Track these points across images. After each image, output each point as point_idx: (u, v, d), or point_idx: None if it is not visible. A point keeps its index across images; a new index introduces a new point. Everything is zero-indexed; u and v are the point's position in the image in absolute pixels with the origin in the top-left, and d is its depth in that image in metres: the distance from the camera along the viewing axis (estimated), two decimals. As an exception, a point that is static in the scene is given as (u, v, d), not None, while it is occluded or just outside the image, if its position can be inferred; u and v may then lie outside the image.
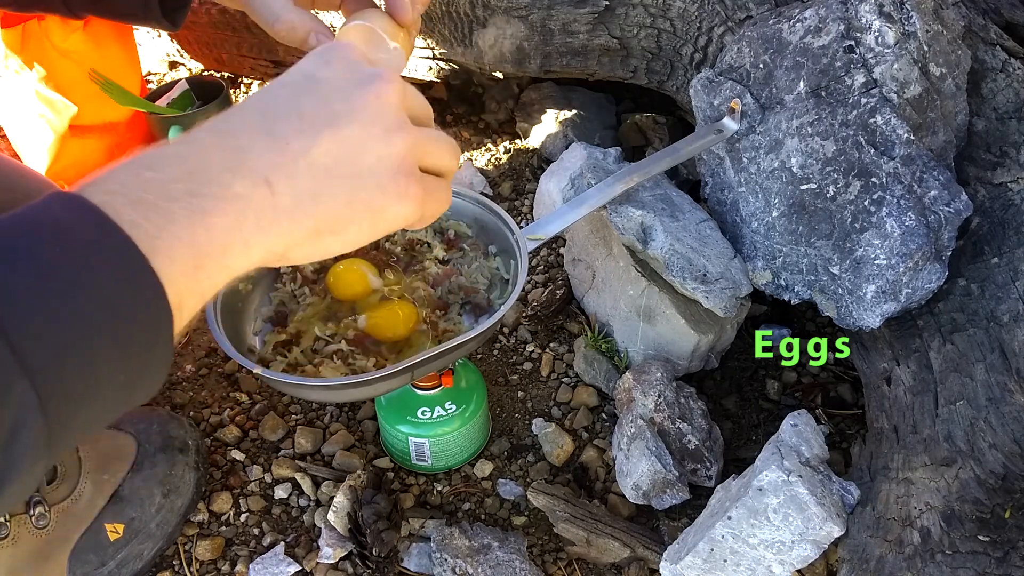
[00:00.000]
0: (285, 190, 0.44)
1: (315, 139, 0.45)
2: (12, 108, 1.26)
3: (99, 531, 0.82)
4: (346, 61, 0.49)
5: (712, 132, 0.91)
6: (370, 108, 0.47)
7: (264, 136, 0.45)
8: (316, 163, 0.45)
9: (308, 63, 0.49)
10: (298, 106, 0.46)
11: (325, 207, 0.46)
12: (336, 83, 0.48)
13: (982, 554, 0.65)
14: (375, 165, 0.47)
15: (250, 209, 0.43)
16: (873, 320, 0.82)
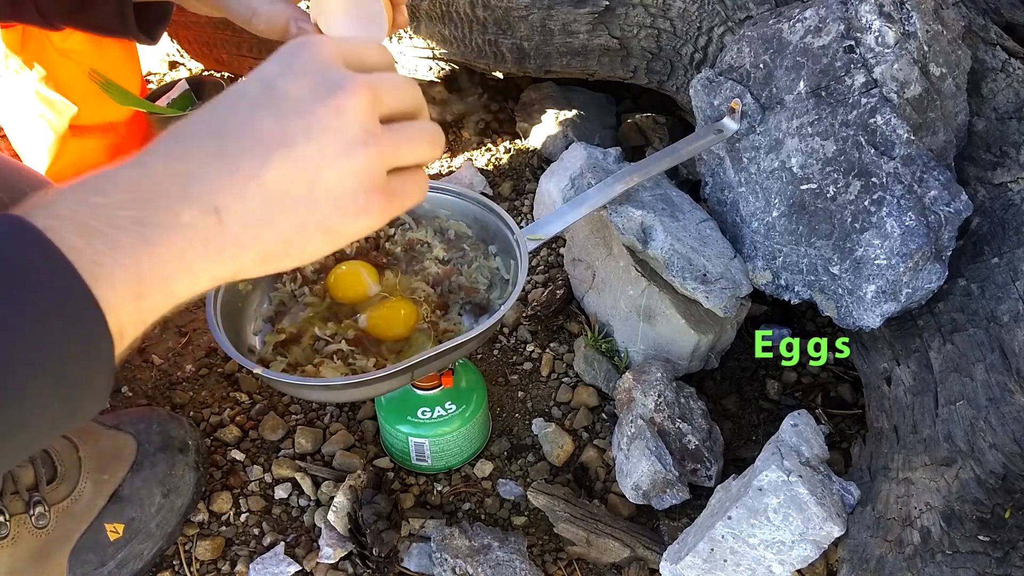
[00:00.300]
0: (234, 217, 0.43)
1: (266, 161, 0.43)
2: (12, 108, 1.26)
3: (99, 531, 0.82)
4: (312, 65, 0.46)
5: (712, 132, 0.91)
6: (329, 125, 0.44)
7: (214, 158, 0.43)
8: (267, 186, 0.43)
9: (272, 66, 0.46)
10: (252, 123, 0.44)
11: (276, 232, 0.44)
12: (295, 95, 0.45)
13: (982, 554, 0.65)
14: (332, 185, 0.45)
15: (198, 238, 0.42)
16: (873, 320, 0.82)
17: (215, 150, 0.43)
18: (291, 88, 0.45)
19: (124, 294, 0.40)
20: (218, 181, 0.43)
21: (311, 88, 0.45)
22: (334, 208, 0.45)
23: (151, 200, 0.41)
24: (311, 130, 0.44)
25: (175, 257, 0.41)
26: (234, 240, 0.43)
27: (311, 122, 0.44)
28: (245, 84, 0.46)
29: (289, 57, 0.46)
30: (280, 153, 0.44)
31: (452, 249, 0.86)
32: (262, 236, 0.44)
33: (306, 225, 0.45)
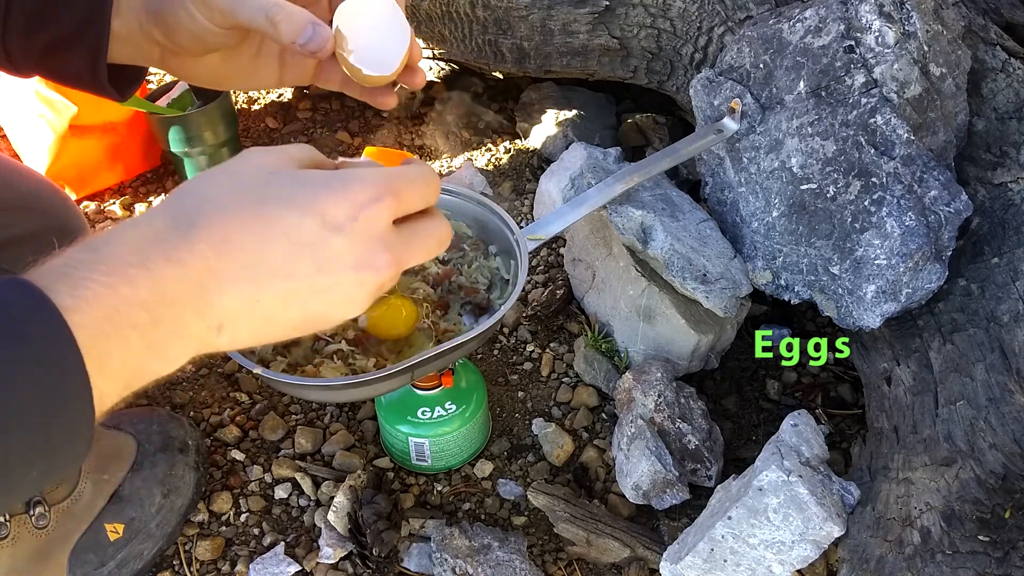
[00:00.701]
0: (228, 335, 0.47)
1: (286, 305, 0.47)
2: (12, 108, 1.26)
3: (99, 531, 0.82)
4: (369, 234, 0.48)
5: (712, 132, 0.91)
6: (348, 292, 0.49)
7: (247, 286, 0.46)
8: (271, 321, 0.48)
9: (339, 209, 0.47)
10: (291, 265, 0.47)
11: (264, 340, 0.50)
12: (339, 257, 0.48)
13: (982, 554, 0.65)
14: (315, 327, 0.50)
15: (191, 345, 0.45)
16: (873, 320, 0.82)
17: (250, 276, 0.46)
18: (341, 247, 0.48)
19: (115, 386, 0.43)
20: (237, 306, 0.46)
21: (353, 254, 0.48)
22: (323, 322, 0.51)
23: (172, 305, 0.44)
24: (331, 291, 0.48)
25: (167, 359, 0.45)
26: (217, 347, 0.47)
27: (337, 286, 0.48)
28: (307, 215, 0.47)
29: (355, 210, 0.48)
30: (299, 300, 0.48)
31: (452, 249, 0.86)
32: (233, 346, 0.48)
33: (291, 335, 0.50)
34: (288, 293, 0.47)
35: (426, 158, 1.38)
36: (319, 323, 0.50)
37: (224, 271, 0.45)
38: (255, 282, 0.46)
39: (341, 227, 0.47)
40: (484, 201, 0.86)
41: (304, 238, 0.47)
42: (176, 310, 0.44)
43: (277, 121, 1.47)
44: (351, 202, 0.48)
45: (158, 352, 0.44)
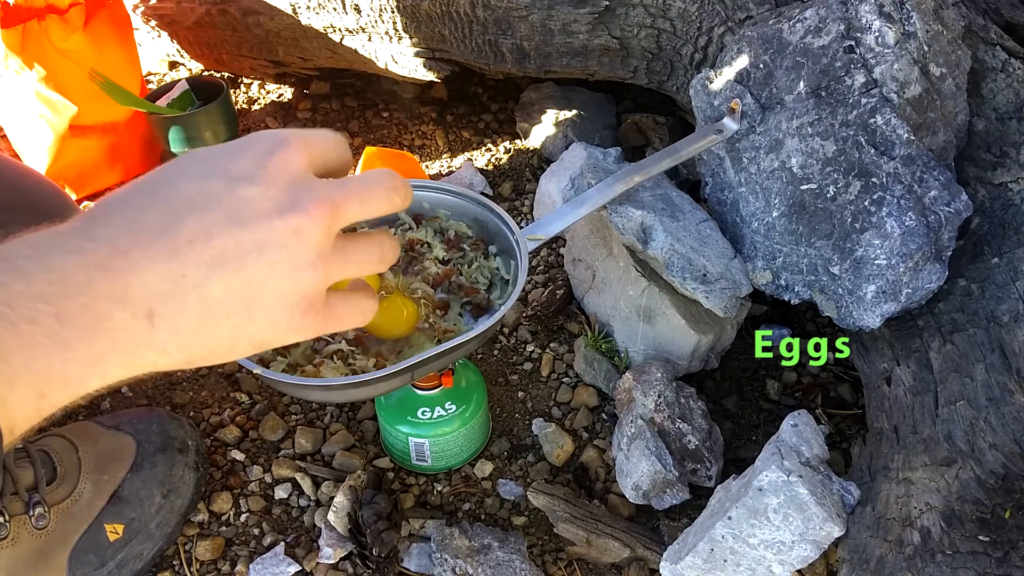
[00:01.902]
0: (165, 324, 0.41)
1: (215, 272, 0.42)
2: (12, 108, 1.26)
3: (99, 531, 0.82)
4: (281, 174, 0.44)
5: (712, 132, 0.91)
6: (283, 243, 0.43)
7: (164, 258, 0.41)
8: (209, 296, 0.42)
9: (240, 162, 0.44)
10: (207, 224, 0.42)
11: (205, 341, 0.43)
12: (256, 204, 0.43)
13: (982, 554, 0.65)
14: (272, 303, 0.44)
15: (121, 342, 0.40)
16: (873, 320, 0.82)
17: (166, 249, 0.41)
18: (254, 195, 0.43)
19: (25, 393, 0.38)
20: (160, 284, 0.41)
21: (273, 199, 0.43)
22: (268, 324, 0.44)
23: (80, 295, 0.39)
24: (264, 247, 0.43)
25: (91, 361, 0.39)
26: (160, 346, 0.41)
27: (266, 239, 0.43)
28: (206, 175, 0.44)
29: (260, 158, 0.44)
30: (230, 267, 0.42)
31: (452, 249, 0.86)
32: (190, 344, 0.43)
33: (238, 338, 0.44)
34: (216, 260, 0.42)
35: (426, 158, 1.38)
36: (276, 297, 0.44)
37: (134, 249, 0.40)
38: (174, 254, 0.41)
39: (250, 176, 0.43)
40: (484, 201, 0.86)
41: (213, 198, 0.43)
42: (85, 300, 0.39)
43: (277, 121, 1.47)
44: (254, 152, 0.44)
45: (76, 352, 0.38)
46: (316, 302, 0.46)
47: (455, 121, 1.44)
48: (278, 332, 0.45)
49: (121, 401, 1.01)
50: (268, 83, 1.54)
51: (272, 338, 0.45)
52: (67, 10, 1.22)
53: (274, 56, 1.39)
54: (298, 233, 0.43)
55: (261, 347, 0.45)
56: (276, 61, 1.40)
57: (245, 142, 0.45)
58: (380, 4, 1.17)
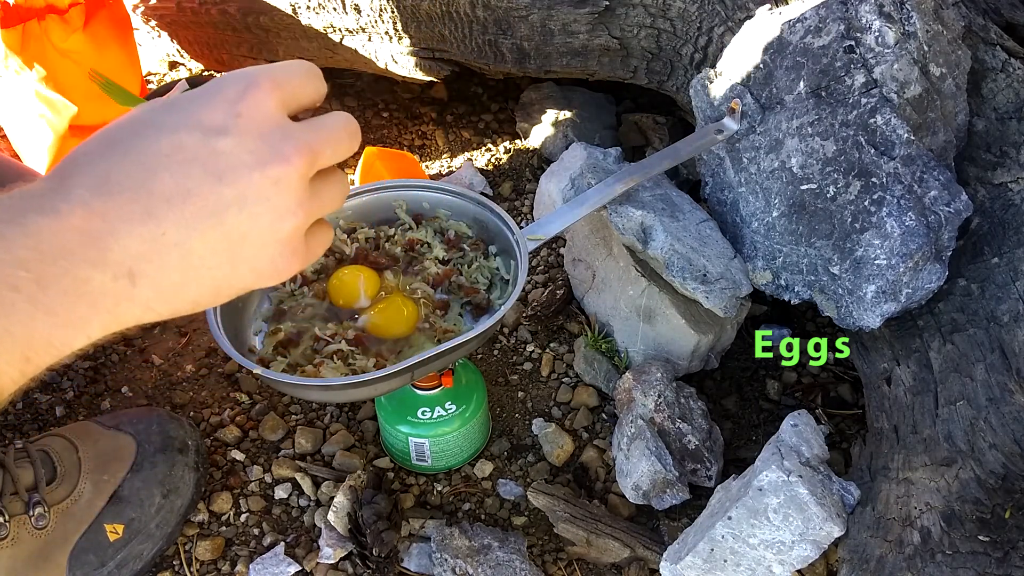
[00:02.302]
0: (148, 282, 0.41)
1: (195, 229, 0.41)
2: (12, 108, 1.26)
3: (99, 532, 0.82)
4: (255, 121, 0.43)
5: (712, 132, 0.91)
6: (263, 195, 0.43)
7: (140, 218, 0.40)
8: (191, 253, 0.42)
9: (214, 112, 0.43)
10: (187, 183, 0.41)
11: (189, 295, 0.43)
12: (234, 157, 0.42)
13: (982, 554, 0.65)
14: (254, 254, 0.44)
15: (104, 303, 0.40)
16: (873, 320, 0.82)
17: (142, 209, 0.41)
18: (230, 147, 0.42)
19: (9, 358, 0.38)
20: (139, 245, 0.40)
21: (251, 151, 0.43)
22: (251, 272, 0.45)
23: (59, 259, 0.39)
24: (244, 199, 0.42)
25: (74, 323, 0.39)
26: (144, 303, 0.42)
27: (246, 191, 0.42)
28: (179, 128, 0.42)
29: (230, 105, 0.43)
30: (211, 222, 0.42)
31: (452, 249, 0.86)
32: (174, 300, 0.43)
33: (221, 288, 0.44)
34: (195, 216, 0.41)
35: (426, 158, 1.38)
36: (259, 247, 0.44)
37: (110, 211, 0.40)
38: (151, 213, 0.40)
39: (225, 128, 0.42)
40: (484, 201, 0.86)
41: (189, 153, 0.42)
42: (65, 264, 0.38)
43: (277, 121, 1.46)
44: (225, 100, 0.43)
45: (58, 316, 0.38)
46: (298, 246, 0.46)
47: (455, 121, 1.44)
48: (260, 278, 0.45)
49: (121, 401, 1.01)
50: (268, 83, 1.54)
51: (254, 284, 0.46)
52: (67, 10, 1.22)
53: (274, 56, 1.39)
54: (278, 183, 0.43)
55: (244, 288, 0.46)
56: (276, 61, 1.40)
57: (214, 87, 0.44)
58: (380, 4, 1.17)
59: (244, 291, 0.46)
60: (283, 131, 0.44)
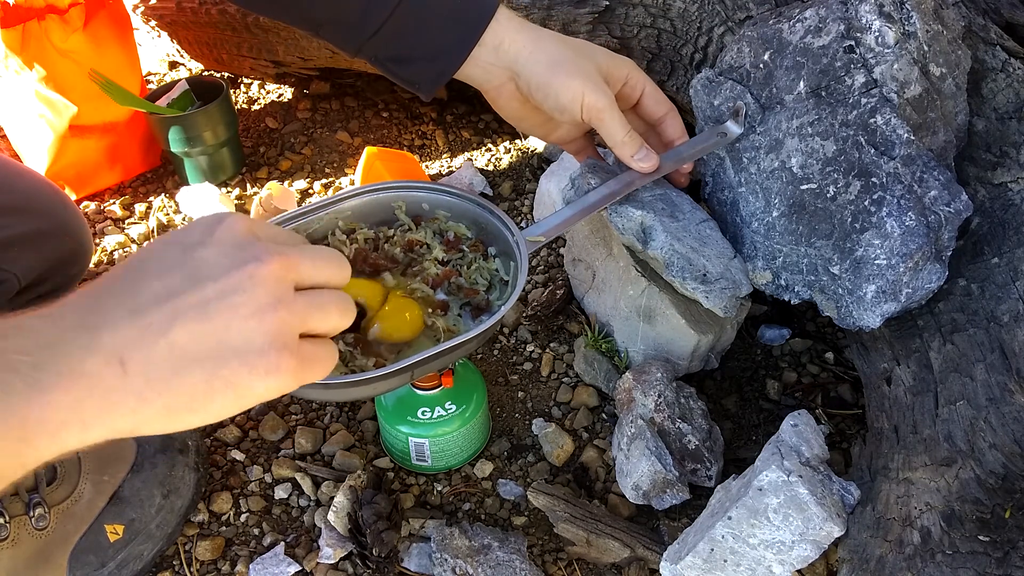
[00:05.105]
0: (138, 370, 0.44)
1: (178, 320, 0.45)
2: (12, 108, 1.26)
3: (99, 532, 0.82)
4: (230, 238, 0.48)
5: (716, 135, 0.91)
6: (242, 287, 0.46)
7: (127, 315, 0.45)
8: (176, 343, 0.45)
9: (191, 235, 0.49)
10: (168, 285, 0.46)
11: (181, 386, 0.45)
12: (212, 262, 0.47)
13: (982, 554, 0.65)
14: (242, 345, 0.46)
15: (97, 387, 0.43)
16: (873, 320, 0.82)
17: (129, 307, 0.45)
18: (208, 256, 0.47)
19: (5, 438, 0.40)
20: (126, 334, 0.44)
21: (227, 256, 0.47)
22: (242, 365, 0.46)
23: (55, 347, 0.42)
24: (224, 292, 0.46)
25: (70, 406, 0.42)
26: (137, 393, 0.44)
27: (225, 285, 0.46)
28: (163, 249, 0.49)
29: (207, 228, 0.49)
30: (192, 314, 0.45)
31: (451, 250, 0.86)
32: (166, 390, 0.45)
33: (212, 381, 0.46)
34: (179, 310, 0.45)
35: (426, 158, 1.38)
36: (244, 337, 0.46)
37: (103, 308, 0.45)
38: (139, 310, 0.45)
39: (202, 242, 0.48)
40: (484, 203, 0.86)
41: (169, 263, 0.47)
42: (61, 349, 0.42)
43: (277, 121, 1.47)
44: (200, 226, 0.49)
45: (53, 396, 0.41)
46: (289, 343, 0.48)
47: (455, 121, 1.44)
48: (253, 374, 0.46)
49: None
50: (268, 83, 1.54)
51: (249, 382, 0.47)
52: (67, 10, 1.22)
53: (274, 56, 1.39)
54: (253, 277, 0.47)
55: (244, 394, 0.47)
56: (276, 61, 1.40)
57: (192, 223, 0.51)
58: (380, 4, 1.17)
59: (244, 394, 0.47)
60: (257, 241, 0.49)
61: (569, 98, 0.83)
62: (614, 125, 0.84)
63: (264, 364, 0.46)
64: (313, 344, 0.50)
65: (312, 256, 0.51)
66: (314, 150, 1.40)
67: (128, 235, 1.27)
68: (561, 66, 0.83)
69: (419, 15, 0.81)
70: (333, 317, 0.51)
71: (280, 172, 1.37)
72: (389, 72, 0.86)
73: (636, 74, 0.89)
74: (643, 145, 0.86)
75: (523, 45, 0.83)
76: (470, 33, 0.82)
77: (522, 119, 0.90)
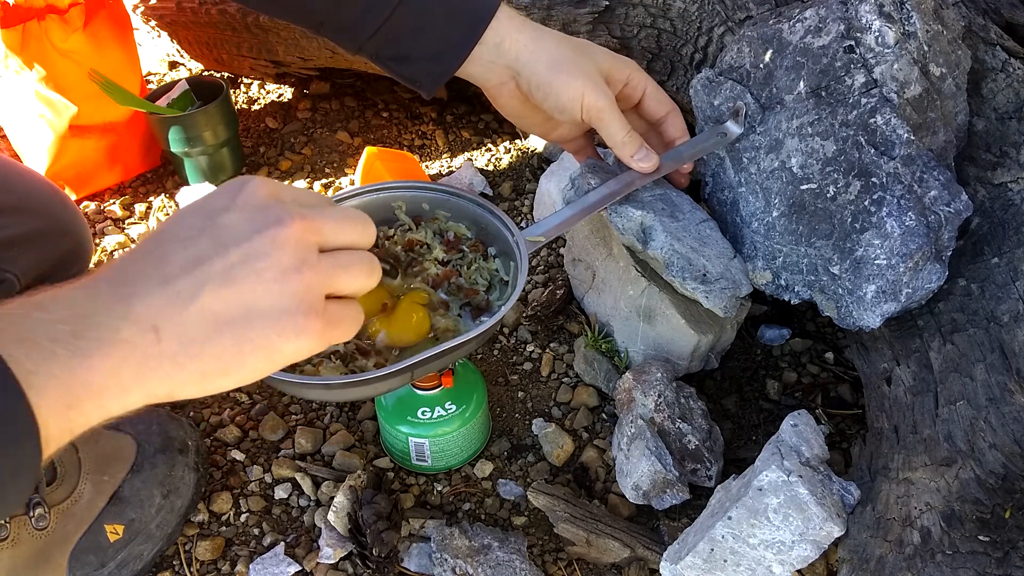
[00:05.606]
0: (171, 336, 0.45)
1: (206, 287, 0.46)
2: (12, 108, 1.26)
3: (99, 532, 0.82)
4: (252, 201, 0.49)
5: (716, 135, 0.91)
6: (266, 251, 0.47)
7: (157, 284, 0.46)
8: (206, 308, 0.46)
9: (214, 201, 0.50)
10: (194, 252, 0.47)
11: (213, 351, 0.46)
12: (235, 227, 0.48)
13: (982, 554, 0.65)
14: (269, 308, 0.47)
15: (134, 354, 0.44)
16: (873, 320, 0.82)
17: (159, 277, 0.46)
18: (232, 221, 0.48)
19: (54, 404, 0.42)
20: (158, 304, 0.45)
21: (250, 221, 0.48)
22: (271, 328, 0.47)
23: (91, 316, 0.44)
24: (248, 257, 0.47)
25: (109, 371, 0.43)
26: (171, 357, 0.45)
27: (249, 250, 0.47)
28: (189, 216, 0.49)
29: (230, 194, 0.50)
30: (219, 279, 0.46)
31: (451, 251, 0.86)
32: (198, 355, 0.46)
33: (242, 344, 0.47)
34: (206, 277, 0.46)
35: (426, 158, 1.38)
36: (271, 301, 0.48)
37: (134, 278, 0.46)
38: (168, 279, 0.46)
39: (225, 207, 0.49)
40: (484, 203, 0.86)
41: (195, 231, 0.48)
42: (97, 320, 0.44)
43: (277, 121, 1.47)
44: (224, 191, 0.50)
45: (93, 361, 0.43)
46: (315, 304, 0.49)
47: (455, 121, 1.44)
48: (283, 336, 0.48)
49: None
50: (268, 83, 1.54)
51: (279, 344, 0.48)
52: (67, 10, 1.22)
53: (274, 56, 1.39)
54: (276, 240, 0.48)
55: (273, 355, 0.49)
56: (276, 61, 1.40)
57: (216, 189, 0.52)
58: (380, 4, 1.17)
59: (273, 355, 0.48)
60: (279, 203, 0.49)
61: (569, 98, 0.83)
62: (614, 125, 0.85)
63: (292, 326, 0.48)
64: (339, 305, 0.51)
65: (335, 217, 0.51)
66: (314, 150, 1.40)
67: (128, 235, 1.27)
68: (562, 66, 0.83)
69: (420, 14, 0.81)
70: (359, 277, 0.52)
71: (280, 172, 1.37)
72: (390, 70, 0.86)
73: (637, 74, 0.89)
74: (643, 145, 0.87)
75: (524, 44, 0.83)
76: (471, 31, 0.82)
77: (522, 118, 0.90)
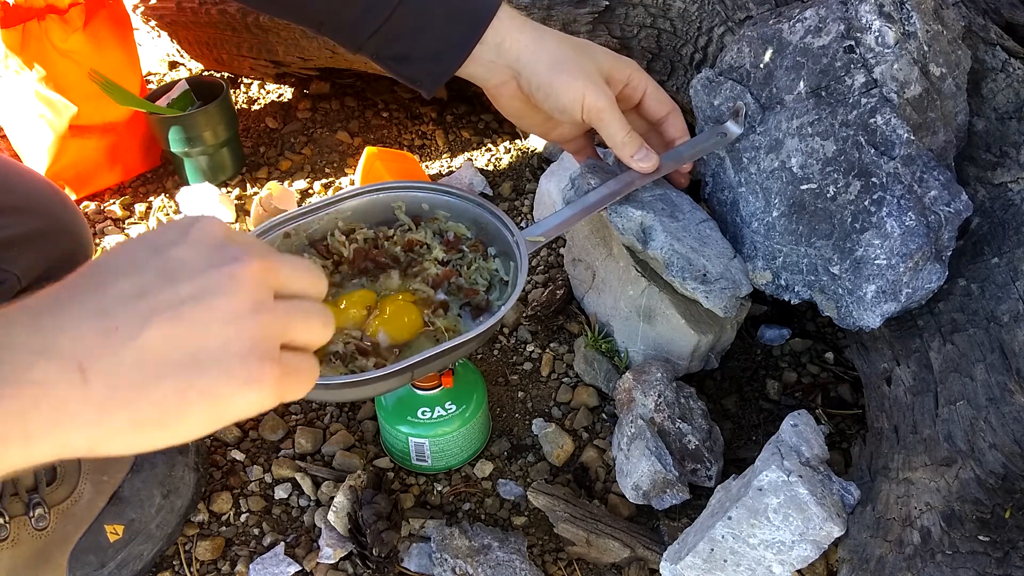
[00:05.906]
0: (101, 377, 0.39)
1: (149, 323, 0.40)
2: (12, 108, 1.26)
3: (99, 532, 0.82)
4: (208, 239, 0.44)
5: (716, 135, 0.91)
6: (221, 289, 0.42)
7: (92, 316, 0.40)
8: (147, 349, 0.40)
9: (165, 234, 0.44)
10: (140, 285, 0.41)
11: (150, 397, 0.40)
12: (188, 261, 0.43)
13: (982, 554, 0.65)
14: (220, 350, 0.41)
15: (48, 397, 0.38)
16: (873, 320, 0.82)
17: (95, 309, 0.40)
18: (183, 255, 0.43)
19: None
20: (89, 339, 0.39)
21: (204, 256, 0.43)
22: (221, 374, 0.41)
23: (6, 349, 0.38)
24: (201, 293, 0.41)
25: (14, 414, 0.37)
26: (97, 404, 0.39)
27: (202, 285, 0.42)
28: (132, 248, 0.44)
29: (181, 229, 0.44)
30: (166, 315, 0.41)
31: (451, 251, 0.86)
32: (132, 402, 0.40)
33: (186, 392, 0.41)
34: (150, 311, 0.40)
35: (426, 158, 1.38)
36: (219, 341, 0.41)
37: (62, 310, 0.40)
38: (103, 311, 0.40)
39: (175, 242, 0.43)
40: (483, 203, 0.86)
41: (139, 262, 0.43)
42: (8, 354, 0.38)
43: (277, 121, 1.47)
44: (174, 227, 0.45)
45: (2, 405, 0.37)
46: (271, 351, 0.43)
47: (455, 121, 1.44)
48: (232, 384, 0.42)
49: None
50: (268, 83, 1.54)
51: (228, 393, 0.42)
52: (67, 10, 1.22)
53: (274, 56, 1.39)
54: (234, 278, 0.42)
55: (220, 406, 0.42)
56: (276, 61, 1.40)
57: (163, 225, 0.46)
58: (380, 4, 1.17)
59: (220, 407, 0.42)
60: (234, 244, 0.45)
61: (570, 98, 0.83)
62: (614, 126, 0.84)
63: (244, 373, 0.42)
64: (295, 355, 0.46)
65: (291, 263, 0.47)
66: (314, 150, 1.40)
67: (128, 235, 1.27)
68: (562, 66, 0.83)
69: (420, 13, 0.81)
70: (316, 327, 0.47)
71: (280, 172, 1.37)
72: (390, 70, 0.86)
73: (638, 74, 0.89)
74: (643, 145, 0.86)
75: (525, 44, 0.83)
76: (472, 31, 0.82)
77: (522, 117, 0.90)
